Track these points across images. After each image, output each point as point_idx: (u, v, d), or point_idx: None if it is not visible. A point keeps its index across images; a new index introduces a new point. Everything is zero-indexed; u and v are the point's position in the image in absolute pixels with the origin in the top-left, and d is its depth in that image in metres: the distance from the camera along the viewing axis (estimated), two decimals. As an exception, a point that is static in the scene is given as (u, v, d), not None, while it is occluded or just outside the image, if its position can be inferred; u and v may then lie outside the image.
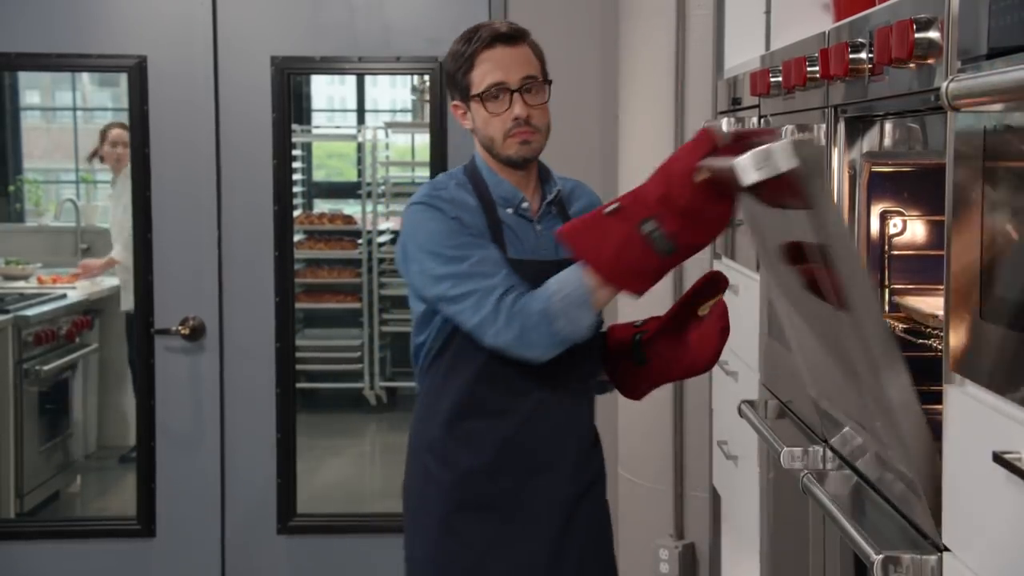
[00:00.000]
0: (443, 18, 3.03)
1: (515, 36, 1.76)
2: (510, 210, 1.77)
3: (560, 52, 3.05)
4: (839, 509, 1.36)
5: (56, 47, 2.98)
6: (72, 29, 2.97)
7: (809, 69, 1.60)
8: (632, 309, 2.86)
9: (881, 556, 1.20)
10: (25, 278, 4.08)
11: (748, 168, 1.16)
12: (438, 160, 3.06)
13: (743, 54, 2.41)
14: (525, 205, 1.77)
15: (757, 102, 2.05)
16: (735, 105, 2.33)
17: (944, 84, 0.97)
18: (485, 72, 1.73)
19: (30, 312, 3.66)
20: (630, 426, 2.95)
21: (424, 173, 5.56)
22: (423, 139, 5.52)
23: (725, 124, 2.20)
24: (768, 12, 2.27)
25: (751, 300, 2.12)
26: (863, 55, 1.40)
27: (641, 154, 2.89)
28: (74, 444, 4.00)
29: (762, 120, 2.03)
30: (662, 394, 2.77)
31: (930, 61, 1.18)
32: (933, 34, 1.16)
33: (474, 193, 1.77)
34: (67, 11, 2.97)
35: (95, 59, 3.02)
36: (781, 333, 1.87)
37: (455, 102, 1.79)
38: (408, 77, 5.18)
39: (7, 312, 3.31)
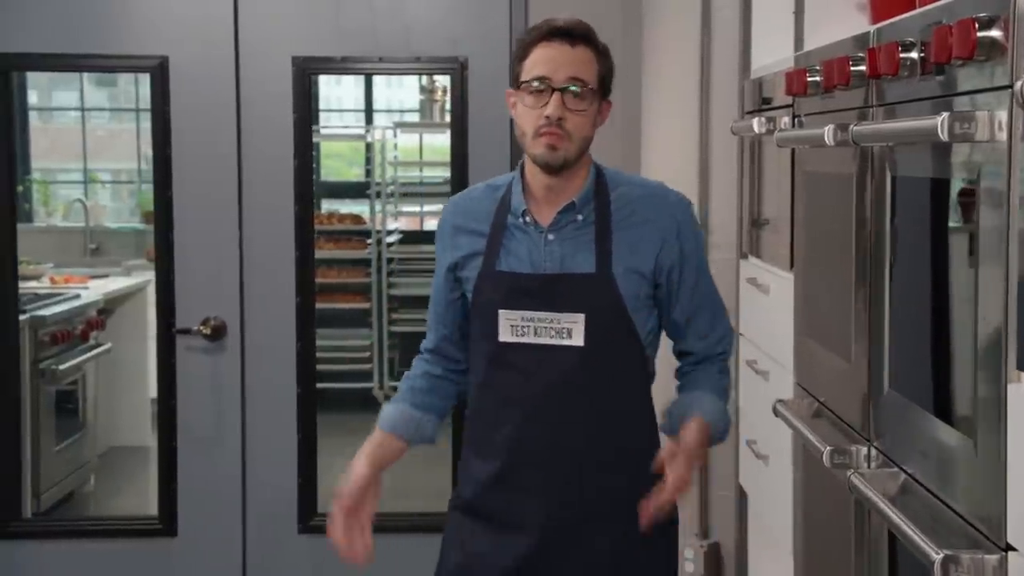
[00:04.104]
0: (464, 18, 3.04)
1: (574, 34, 1.70)
2: (520, 219, 1.73)
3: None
4: (892, 508, 1.36)
5: (77, 48, 2.98)
6: (93, 30, 2.97)
7: (853, 68, 1.60)
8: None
9: (941, 555, 1.20)
10: (37, 278, 4.07)
11: None
12: (459, 160, 3.06)
13: (770, 55, 2.41)
14: (527, 218, 1.72)
15: (791, 102, 2.06)
16: (765, 105, 2.33)
17: (1019, 84, 0.98)
18: (534, 63, 1.68)
19: (46, 312, 3.65)
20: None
21: (432, 173, 5.56)
22: (431, 139, 5.52)
23: (756, 125, 2.20)
24: (798, 12, 2.27)
25: (782, 299, 2.12)
26: (914, 54, 1.40)
27: (664, 156, 2.89)
28: (88, 444, 3.99)
29: (796, 120, 2.03)
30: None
31: (992, 60, 1.18)
32: (996, 32, 1.17)
33: (501, 195, 1.77)
34: (89, 12, 2.97)
35: (117, 60, 3.02)
36: (816, 331, 1.88)
37: (509, 89, 1.75)
38: (416, 77, 5.17)
39: (23, 312, 3.30)
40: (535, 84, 1.67)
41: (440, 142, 5.60)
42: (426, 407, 1.81)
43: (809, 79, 1.82)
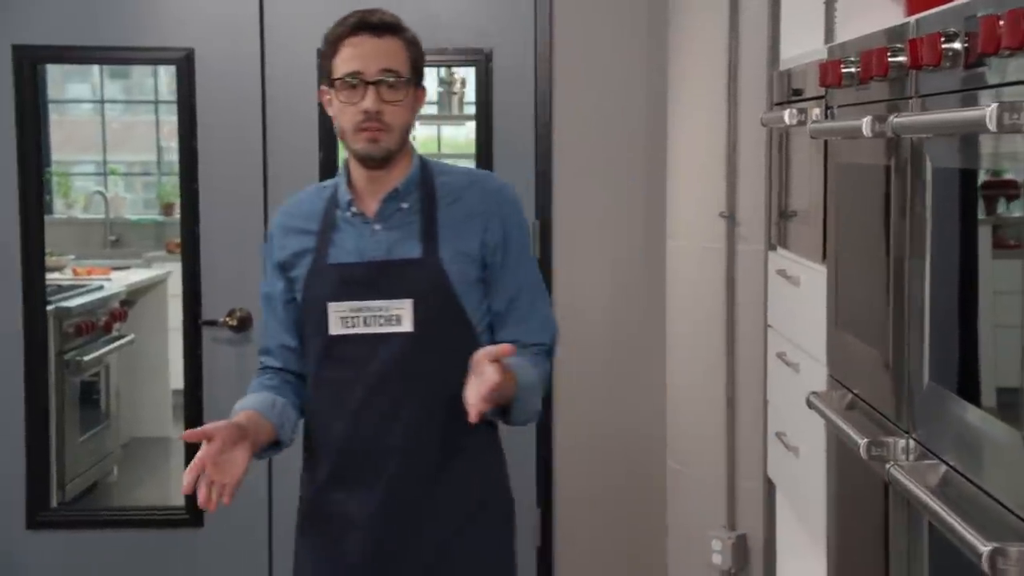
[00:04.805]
0: (490, 9, 3.04)
1: (383, 27, 1.70)
2: (347, 212, 1.73)
3: (606, 44, 3.06)
4: (935, 500, 1.35)
5: (104, 40, 2.99)
6: (119, 22, 2.98)
7: (892, 59, 1.60)
8: (686, 354, 2.86)
9: (989, 548, 1.19)
10: (59, 269, 4.09)
11: None
12: (484, 152, 3.06)
13: (799, 47, 2.40)
14: (354, 210, 1.73)
15: (823, 93, 2.05)
16: (794, 96, 2.33)
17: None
18: (345, 59, 1.68)
19: (70, 304, 3.67)
20: (679, 417, 2.96)
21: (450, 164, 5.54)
22: (449, 131, 5.50)
23: (787, 116, 2.19)
24: (829, 4, 2.26)
25: (813, 291, 2.12)
26: (956, 44, 1.40)
27: (691, 148, 2.89)
28: (110, 435, 4.01)
29: (828, 111, 2.03)
30: (713, 385, 2.79)
31: (1042, 51, 1.18)
32: (1047, 23, 1.16)
33: (329, 194, 1.77)
34: (115, 4, 2.99)
35: (143, 52, 3.03)
36: (851, 323, 1.87)
37: (322, 86, 1.75)
38: (435, 69, 5.15)
39: (48, 303, 3.32)
40: (348, 80, 1.67)
41: (458, 134, 5.59)
42: (282, 394, 1.76)
43: (844, 70, 1.82)
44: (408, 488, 1.71)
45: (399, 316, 1.68)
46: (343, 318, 1.69)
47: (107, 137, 5.76)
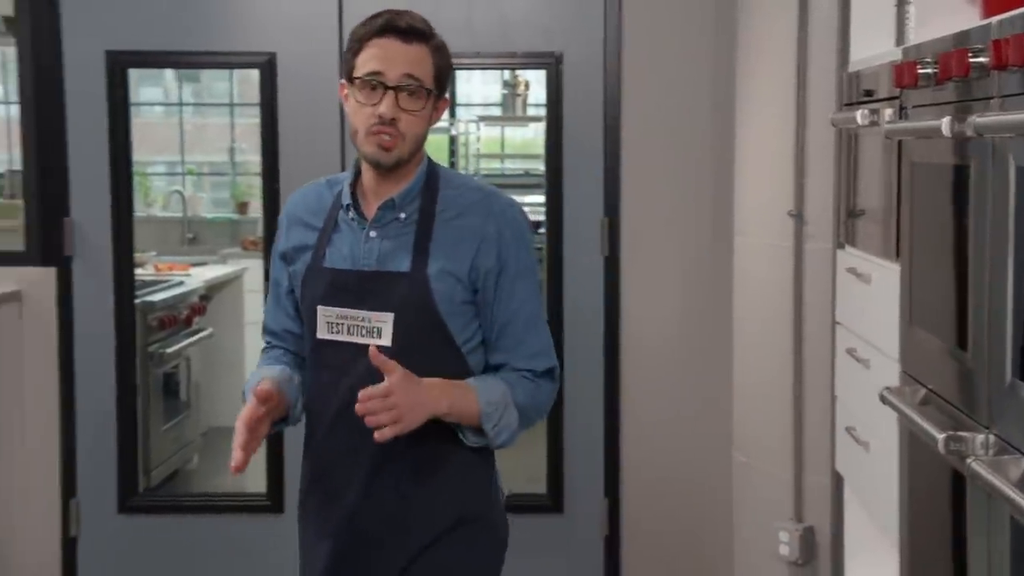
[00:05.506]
0: (560, 12, 3.10)
1: (411, 32, 1.64)
2: (348, 214, 1.70)
3: (675, 44, 3.11)
4: (1020, 494, 1.37)
5: (190, 45, 3.12)
6: (205, 27, 3.10)
7: (973, 60, 1.63)
8: (755, 353, 2.90)
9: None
10: (142, 265, 4.26)
11: None
12: (554, 152, 3.13)
13: (868, 49, 2.44)
14: (353, 213, 1.69)
15: (895, 94, 2.09)
16: (866, 97, 2.36)
17: None
18: (368, 59, 1.63)
19: (154, 298, 3.82)
20: (745, 411, 3.01)
21: (513, 165, 5.67)
22: (512, 132, 5.62)
23: (859, 117, 2.23)
24: (900, 6, 2.29)
25: (885, 288, 2.15)
26: (1040, 47, 1.43)
27: (759, 147, 2.93)
28: (190, 424, 4.17)
29: (902, 111, 2.06)
30: (780, 380, 2.83)
31: None
32: None
33: (339, 191, 1.73)
34: (200, 10, 3.11)
35: (228, 56, 3.15)
36: (927, 320, 1.91)
37: (342, 81, 1.71)
38: (499, 72, 5.25)
39: (136, 298, 3.48)
40: (368, 80, 1.63)
41: (520, 135, 5.70)
42: (296, 371, 1.75)
43: (920, 71, 1.85)
44: (377, 503, 1.68)
45: (380, 329, 1.64)
46: (330, 323, 1.67)
47: (178, 139, 5.95)
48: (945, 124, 1.62)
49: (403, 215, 1.68)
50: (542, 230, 4.20)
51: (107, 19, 3.11)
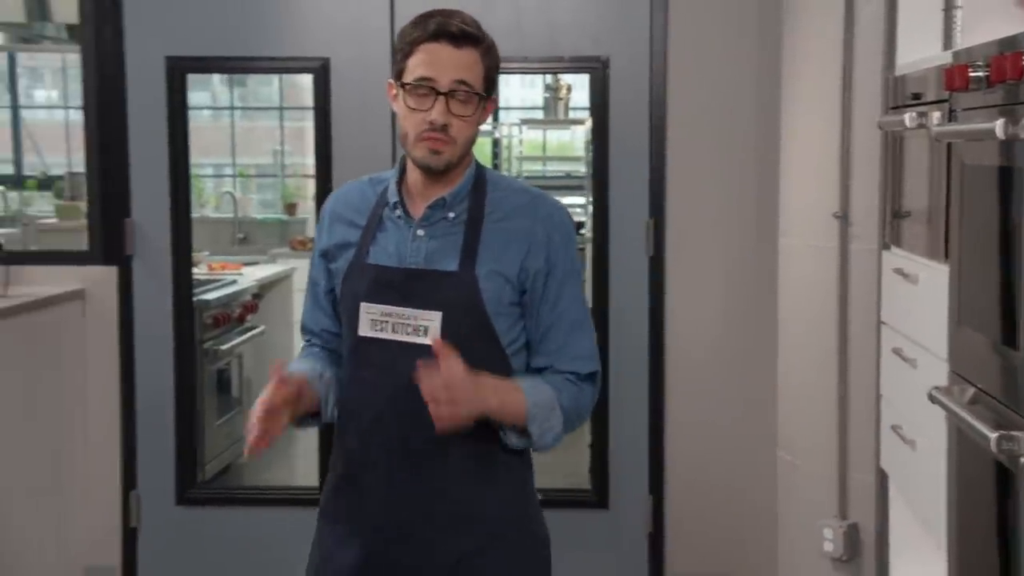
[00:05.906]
0: (608, 17, 3.15)
1: (462, 37, 1.63)
2: (394, 212, 1.70)
3: (720, 46, 3.15)
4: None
5: (246, 50, 3.21)
6: (260, 33, 3.19)
7: (1025, 65, 1.65)
8: (799, 354, 2.93)
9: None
10: (196, 265, 4.37)
11: None
12: (600, 154, 3.19)
13: (915, 52, 2.46)
14: (399, 212, 1.69)
15: (944, 96, 2.11)
16: (913, 100, 2.39)
17: None
18: (419, 63, 1.62)
19: (209, 296, 3.93)
20: (790, 410, 3.04)
21: (554, 167, 5.73)
22: (554, 135, 5.69)
23: (907, 119, 2.26)
24: (947, 10, 2.32)
25: (932, 289, 2.18)
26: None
27: (804, 152, 2.96)
28: (242, 420, 4.26)
29: (951, 114, 2.09)
30: (825, 379, 2.86)
31: None
32: None
33: (383, 189, 1.74)
34: (255, 16, 3.19)
35: (282, 61, 3.24)
36: (977, 320, 1.93)
37: (390, 80, 1.70)
38: (540, 76, 5.32)
39: (192, 296, 3.58)
40: (419, 85, 1.62)
41: (558, 137, 5.76)
42: (331, 367, 1.75)
43: (972, 74, 1.87)
44: (416, 504, 1.66)
45: (426, 327, 1.63)
46: (373, 320, 1.66)
47: (225, 142, 6.09)
48: (999, 126, 1.64)
49: (452, 215, 1.69)
50: (583, 231, 4.25)
51: (167, 26, 3.21)
